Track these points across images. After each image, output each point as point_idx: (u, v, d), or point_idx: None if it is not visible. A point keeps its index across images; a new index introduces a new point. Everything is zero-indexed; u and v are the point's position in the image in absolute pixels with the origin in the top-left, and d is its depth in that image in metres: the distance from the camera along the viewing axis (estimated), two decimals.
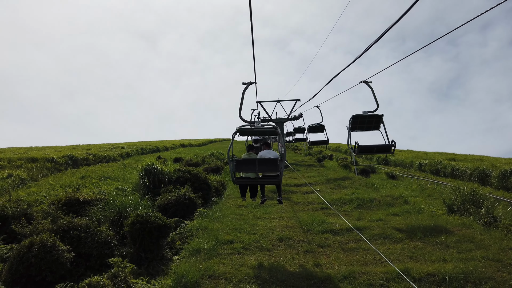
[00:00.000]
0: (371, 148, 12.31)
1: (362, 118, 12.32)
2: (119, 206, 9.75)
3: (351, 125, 12.44)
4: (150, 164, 13.10)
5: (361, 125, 12.46)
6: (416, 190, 20.51)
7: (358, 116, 12.38)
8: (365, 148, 12.40)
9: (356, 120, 12.42)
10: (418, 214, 10.54)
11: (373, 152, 12.52)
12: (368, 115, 12.36)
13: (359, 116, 12.36)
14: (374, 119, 12.34)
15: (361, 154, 14.46)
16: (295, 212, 11.62)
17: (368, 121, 12.38)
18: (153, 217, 8.55)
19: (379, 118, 12.41)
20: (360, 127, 12.58)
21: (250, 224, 9.80)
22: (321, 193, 14.44)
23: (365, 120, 12.31)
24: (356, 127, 12.65)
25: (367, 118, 12.36)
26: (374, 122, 12.43)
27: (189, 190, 11.60)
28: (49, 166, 27.45)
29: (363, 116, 12.35)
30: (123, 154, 40.49)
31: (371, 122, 12.41)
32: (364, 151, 12.62)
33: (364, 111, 12.40)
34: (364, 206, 12.18)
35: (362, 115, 12.25)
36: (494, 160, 30.31)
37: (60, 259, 7.22)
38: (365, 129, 12.60)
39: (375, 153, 13.08)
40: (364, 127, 12.52)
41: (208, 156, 34.74)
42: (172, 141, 71.20)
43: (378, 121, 12.44)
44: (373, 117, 12.35)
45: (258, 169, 7.75)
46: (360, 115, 12.27)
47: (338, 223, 9.66)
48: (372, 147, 12.25)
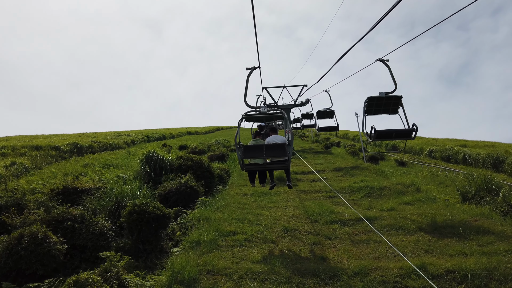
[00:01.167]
0: (389, 133, 10.96)
1: (379, 100, 11.08)
2: (117, 195, 9.32)
3: (366, 108, 11.21)
4: (151, 151, 12.65)
5: (377, 108, 11.25)
6: (427, 177, 19.87)
7: (374, 98, 11.11)
8: (383, 133, 11.02)
9: (371, 103, 11.20)
10: (432, 203, 9.96)
11: (392, 137, 11.10)
12: (385, 97, 11.08)
13: (375, 98, 11.09)
14: (392, 101, 11.08)
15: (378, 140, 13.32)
16: (301, 201, 11.12)
17: (385, 104, 11.15)
18: (152, 207, 8.11)
19: (398, 100, 11.16)
20: (376, 110, 11.35)
21: (254, 214, 9.32)
22: (328, 181, 13.90)
23: (381, 103, 11.11)
24: (372, 110, 11.38)
25: (384, 100, 11.09)
26: (392, 105, 11.19)
27: (191, 178, 11.14)
28: (53, 154, 27.24)
29: (379, 98, 11.10)
30: (128, 141, 40.26)
31: (389, 104, 11.17)
32: (382, 137, 11.26)
33: (381, 93, 11.09)
34: (374, 195, 11.62)
35: (378, 97, 11.00)
36: (506, 146, 29.37)
37: (51, 251, 6.82)
38: (382, 113, 11.36)
39: (393, 139, 11.42)
40: (381, 110, 11.31)
41: (214, 143, 34.31)
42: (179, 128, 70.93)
43: (397, 103, 11.19)
44: (390, 99, 11.08)
45: (266, 154, 7.72)
46: (376, 97, 11.01)
47: (347, 212, 9.14)
48: (390, 132, 10.91)
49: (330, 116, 27.17)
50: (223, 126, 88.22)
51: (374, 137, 10.94)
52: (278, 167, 8.58)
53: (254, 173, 9.24)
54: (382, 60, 10.86)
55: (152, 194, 10.99)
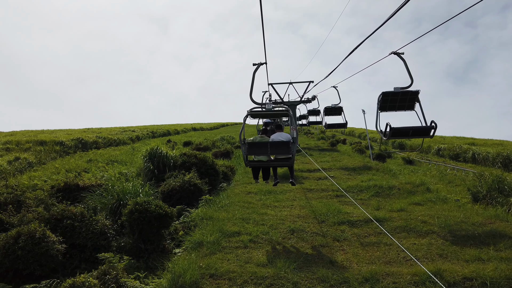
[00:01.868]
0: (406, 131, 10.02)
1: (394, 95, 10.16)
2: (119, 193, 9.09)
3: (380, 104, 10.23)
4: (154, 147, 12.40)
5: (392, 104, 10.28)
6: (436, 176, 19.50)
7: (388, 94, 10.15)
8: (399, 131, 10.00)
9: (386, 98, 10.23)
10: (443, 204, 9.62)
11: (409, 135, 10.15)
12: (400, 92, 10.17)
13: (390, 93, 10.15)
14: (408, 96, 10.20)
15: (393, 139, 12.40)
16: (308, 200, 10.82)
17: (401, 99, 10.26)
18: (153, 205, 7.86)
19: (414, 96, 10.21)
20: (390, 106, 10.36)
21: (259, 213, 9.04)
22: (335, 180, 13.59)
23: (397, 98, 10.20)
24: (386, 106, 10.37)
25: (399, 95, 10.19)
26: (408, 101, 10.29)
27: (194, 176, 10.88)
28: (57, 149, 27.15)
29: (394, 93, 10.18)
30: (133, 137, 40.15)
31: (404, 100, 10.28)
32: (398, 135, 10.27)
33: (396, 87, 10.17)
34: (382, 194, 11.29)
35: (393, 92, 10.09)
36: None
37: (50, 251, 6.59)
38: (397, 109, 10.41)
39: (410, 137, 10.47)
40: (396, 107, 10.35)
41: (219, 140, 34.08)
42: (184, 124, 70.81)
43: (413, 99, 10.29)
44: (406, 94, 10.19)
45: (270, 151, 7.81)
46: (391, 92, 10.10)
47: (355, 213, 8.83)
48: (407, 130, 9.96)
49: (338, 113, 25.87)
50: (228, 123, 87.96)
51: (389, 135, 9.95)
52: (282, 164, 8.70)
53: (258, 170, 9.34)
54: (396, 53, 10.08)
55: (155, 191, 10.75)
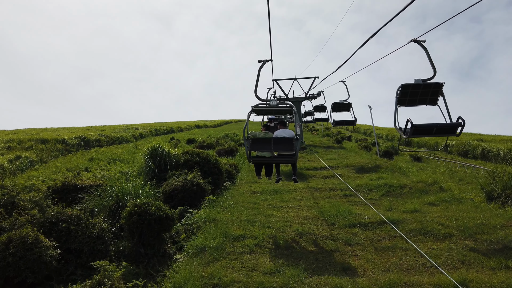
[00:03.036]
0: (429, 129, 8.84)
1: (414, 88, 9.08)
2: (118, 193, 8.67)
3: (398, 98, 9.15)
4: (156, 146, 11.97)
5: (412, 98, 9.23)
6: (445, 173, 18.92)
7: (408, 86, 9.04)
8: (422, 129, 8.81)
9: (405, 92, 9.15)
10: (459, 204, 9.13)
11: (432, 133, 9.07)
12: (422, 84, 9.00)
13: (410, 85, 9.06)
14: (430, 89, 9.10)
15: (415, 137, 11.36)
16: (315, 200, 10.36)
17: (423, 93, 9.16)
18: (153, 207, 7.43)
19: (438, 88, 9.07)
20: (410, 100, 9.33)
21: (265, 215, 8.59)
22: (343, 178, 13.11)
23: (417, 91, 9.13)
24: (405, 100, 9.32)
25: (421, 88, 9.09)
26: (431, 94, 9.18)
27: (197, 175, 10.43)
28: (60, 147, 26.84)
29: (415, 86, 9.04)
30: (136, 135, 39.80)
31: (426, 93, 9.16)
32: (420, 133, 9.04)
33: (417, 79, 9.06)
34: (393, 194, 10.81)
35: (414, 84, 9.01)
36: None
37: (43, 257, 6.18)
38: (418, 103, 9.35)
39: (434, 135, 9.32)
40: (416, 101, 9.29)
41: (222, 137, 33.62)
42: (187, 122, 70.41)
43: (436, 93, 9.16)
44: (429, 86, 9.07)
45: (274, 148, 7.81)
46: (412, 84, 9.02)
47: (367, 214, 8.36)
48: (430, 127, 8.78)
49: (346, 109, 24.47)
50: (232, 120, 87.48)
51: (410, 133, 8.82)
52: (285, 161, 8.70)
53: (261, 166, 9.34)
54: (417, 40, 9.01)
55: (156, 192, 10.33)
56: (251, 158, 8.33)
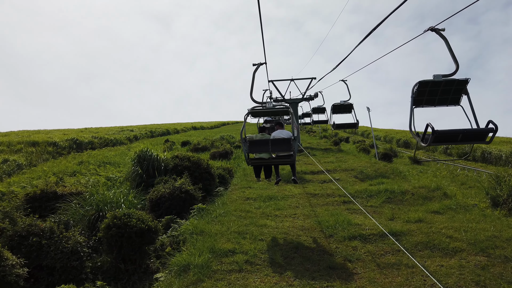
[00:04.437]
0: (453, 135, 7.25)
1: (434, 85, 7.59)
2: (98, 202, 8.02)
3: (414, 98, 7.66)
4: (144, 149, 11.31)
5: (430, 97, 7.79)
6: (446, 177, 18.38)
7: (427, 83, 7.54)
8: (445, 135, 7.23)
9: (423, 90, 7.64)
10: (466, 213, 8.52)
11: (457, 141, 7.47)
12: (443, 81, 7.49)
13: (429, 82, 7.53)
14: (453, 87, 7.58)
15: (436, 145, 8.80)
16: (312, 207, 9.73)
17: (443, 91, 7.63)
18: (135, 219, 6.79)
19: (462, 86, 7.57)
20: (428, 100, 7.87)
21: (257, 225, 7.95)
22: (341, 183, 12.50)
23: (437, 90, 7.65)
24: (423, 100, 7.80)
25: (441, 85, 7.57)
26: (453, 92, 7.67)
27: (186, 181, 9.79)
28: (50, 150, 26.15)
29: (435, 83, 7.54)
30: (131, 137, 39.12)
31: (447, 92, 7.63)
32: (442, 140, 7.43)
33: (436, 75, 7.43)
34: (394, 200, 10.19)
35: (434, 81, 7.51)
36: None
37: (7, 277, 5.52)
38: (437, 103, 7.86)
39: (459, 143, 7.65)
40: (435, 101, 7.85)
41: (218, 139, 32.97)
42: (184, 123, 69.71)
43: (459, 91, 7.64)
44: (451, 83, 7.54)
45: (272, 149, 7.77)
46: (431, 81, 7.52)
47: (367, 224, 7.73)
48: (455, 134, 7.19)
49: (347, 111, 22.59)
50: (229, 121, 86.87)
51: (431, 141, 7.21)
52: (283, 162, 8.66)
53: (260, 168, 9.28)
54: (435, 29, 7.64)
55: (143, 199, 9.68)
56: (249, 160, 8.29)
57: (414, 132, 7.79)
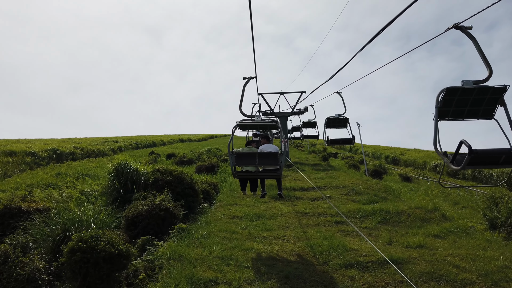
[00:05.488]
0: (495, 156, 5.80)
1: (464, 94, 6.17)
2: (66, 221, 7.15)
3: (439, 108, 6.18)
4: (122, 162, 10.47)
5: (459, 108, 6.38)
6: (438, 196, 17.89)
7: (455, 91, 6.10)
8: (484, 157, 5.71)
9: (450, 99, 6.20)
10: (468, 237, 7.90)
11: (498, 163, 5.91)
12: (476, 88, 6.05)
13: (458, 90, 6.08)
14: (486, 96, 6.17)
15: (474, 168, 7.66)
16: (303, 228, 9.01)
17: (475, 101, 6.23)
18: (103, 242, 5.96)
19: (498, 95, 6.15)
20: (456, 112, 6.46)
21: (243, 248, 7.17)
22: (333, 201, 11.82)
23: (467, 99, 6.23)
24: (449, 112, 6.43)
25: (473, 94, 6.12)
26: (486, 103, 6.27)
27: (167, 198, 8.99)
28: (28, 160, 24.99)
29: (466, 91, 6.09)
30: (115, 148, 37.98)
31: (480, 102, 6.24)
32: (481, 162, 5.88)
33: (466, 81, 5.98)
34: (390, 221, 9.55)
35: (464, 89, 6.08)
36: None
37: None
38: (466, 116, 6.44)
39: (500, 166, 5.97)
40: (465, 113, 6.44)
41: (205, 152, 32.13)
42: (171, 135, 68.58)
43: (494, 101, 6.22)
44: (485, 92, 6.10)
45: (258, 162, 7.78)
46: (461, 89, 6.09)
47: (364, 249, 7.03)
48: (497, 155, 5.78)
49: (343, 125, 20.70)
50: (217, 134, 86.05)
51: (467, 163, 5.67)
52: (269, 175, 8.69)
53: (246, 181, 9.33)
54: (460, 27, 6.15)
55: (118, 217, 8.83)
56: (236, 173, 8.30)
57: (440, 151, 6.24)
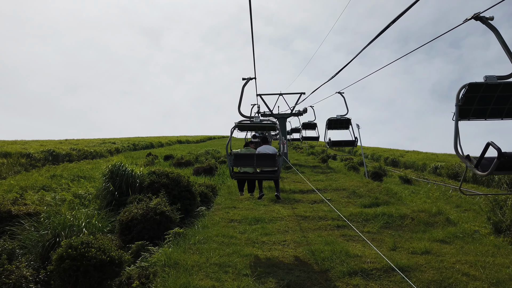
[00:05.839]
0: None
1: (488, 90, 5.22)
2: (56, 226, 6.84)
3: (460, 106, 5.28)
4: (117, 164, 10.16)
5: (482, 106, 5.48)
6: (440, 198, 17.63)
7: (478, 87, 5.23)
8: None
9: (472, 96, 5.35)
10: (475, 243, 7.62)
11: None
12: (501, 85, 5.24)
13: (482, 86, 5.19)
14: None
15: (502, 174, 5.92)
16: (303, 233, 8.72)
17: (500, 99, 5.44)
18: (94, 248, 5.65)
19: None
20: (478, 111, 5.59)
21: (242, 254, 6.87)
22: (333, 204, 11.53)
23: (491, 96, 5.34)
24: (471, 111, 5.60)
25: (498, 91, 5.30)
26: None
27: (163, 201, 8.68)
28: (23, 162, 24.64)
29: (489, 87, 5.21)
30: (112, 150, 37.67)
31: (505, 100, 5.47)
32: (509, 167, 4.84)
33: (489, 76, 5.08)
34: (393, 226, 9.26)
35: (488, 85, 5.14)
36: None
37: None
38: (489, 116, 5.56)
39: None
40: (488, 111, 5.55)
41: (203, 153, 31.82)
42: (169, 137, 68.25)
43: None
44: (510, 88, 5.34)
45: (256, 164, 7.84)
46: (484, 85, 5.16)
47: (368, 255, 6.74)
48: None
49: (345, 127, 19.25)
50: (215, 136, 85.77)
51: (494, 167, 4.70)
52: (267, 177, 8.71)
53: (244, 182, 9.35)
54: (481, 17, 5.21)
55: (112, 221, 8.52)
56: (234, 174, 8.32)
57: (462, 154, 5.42)
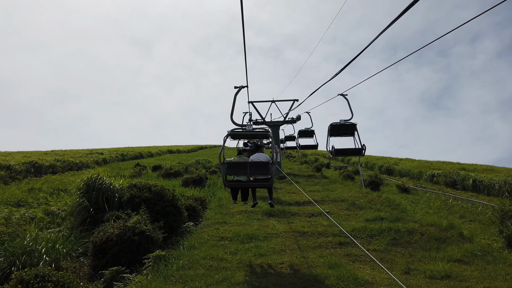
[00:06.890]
0: None
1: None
2: (13, 251, 5.77)
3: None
4: (93, 176, 9.10)
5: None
6: (442, 208, 16.81)
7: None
8: None
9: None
10: (499, 263, 6.72)
11: None
12: None
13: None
14: None
15: None
16: (302, 252, 7.74)
17: None
18: (51, 283, 4.61)
19: None
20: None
21: (233, 282, 5.86)
22: (333, 216, 10.58)
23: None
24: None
25: None
26: None
27: (143, 219, 7.65)
28: (2, 174, 23.33)
29: None
30: (99, 160, 36.35)
31: None
32: None
33: None
34: (401, 242, 8.34)
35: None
36: (505, 171, 26.45)
37: None
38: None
39: None
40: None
41: (194, 163, 30.70)
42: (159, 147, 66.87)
43: None
44: None
45: (249, 172, 7.80)
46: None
47: (379, 281, 5.79)
48: None
49: (349, 133, 16.42)
50: (206, 145, 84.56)
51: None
52: (261, 185, 8.63)
53: (237, 191, 9.25)
54: None
55: (85, 242, 7.46)
56: (227, 182, 8.22)
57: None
